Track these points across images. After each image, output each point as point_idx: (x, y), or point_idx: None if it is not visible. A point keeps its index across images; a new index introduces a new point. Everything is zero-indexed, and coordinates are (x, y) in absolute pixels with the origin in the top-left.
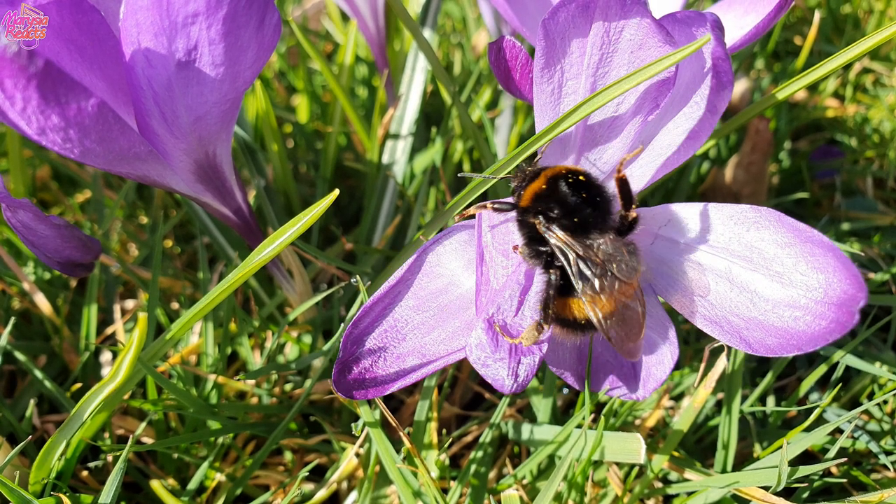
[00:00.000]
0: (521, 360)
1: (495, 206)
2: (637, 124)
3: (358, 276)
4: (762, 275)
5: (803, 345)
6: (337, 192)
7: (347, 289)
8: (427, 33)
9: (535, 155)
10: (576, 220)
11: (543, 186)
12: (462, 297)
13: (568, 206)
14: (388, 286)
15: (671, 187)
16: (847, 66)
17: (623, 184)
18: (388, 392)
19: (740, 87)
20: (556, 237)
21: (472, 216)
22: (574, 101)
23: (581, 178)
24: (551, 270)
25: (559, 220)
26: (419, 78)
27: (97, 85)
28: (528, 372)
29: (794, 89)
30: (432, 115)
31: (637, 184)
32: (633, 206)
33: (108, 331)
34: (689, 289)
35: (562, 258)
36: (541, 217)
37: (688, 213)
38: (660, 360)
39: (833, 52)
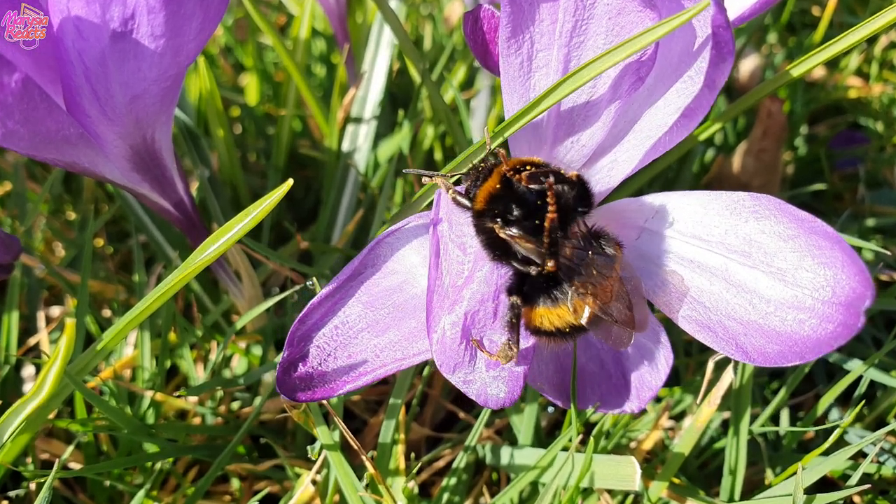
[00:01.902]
0: (503, 373)
1: (456, 197)
2: (618, 103)
3: (315, 279)
4: (763, 272)
5: (806, 352)
6: (291, 182)
7: (302, 293)
8: (393, 3)
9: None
10: (538, 221)
11: (498, 186)
12: (419, 296)
13: (528, 206)
14: (339, 281)
15: (671, 177)
16: (871, 40)
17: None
18: (336, 394)
19: (750, 63)
20: (519, 241)
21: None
22: (546, 74)
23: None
24: (513, 295)
25: (521, 223)
26: (384, 54)
27: (21, 60)
28: (515, 384)
29: (811, 66)
30: (399, 96)
31: (624, 169)
32: (563, 171)
33: (31, 341)
34: (678, 289)
35: (525, 264)
36: (499, 220)
37: (678, 203)
38: (653, 367)
39: (855, 23)
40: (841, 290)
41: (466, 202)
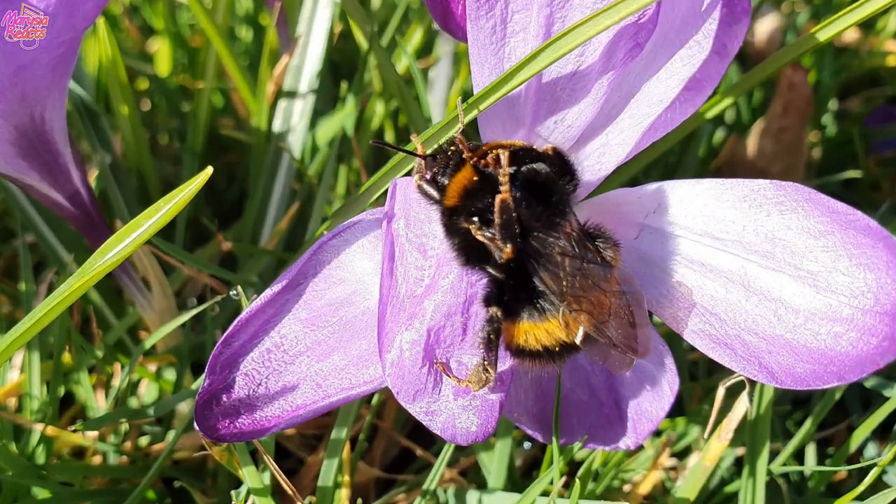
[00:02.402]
0: (475, 402)
1: (422, 185)
2: (611, 75)
3: (239, 288)
4: (789, 276)
5: (845, 372)
6: (210, 170)
7: (225, 305)
8: None
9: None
10: (522, 217)
11: (474, 178)
12: (371, 310)
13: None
14: (273, 293)
15: (673, 163)
16: None
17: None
18: (268, 433)
19: (768, 24)
20: (503, 246)
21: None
22: (524, 40)
23: (521, 154)
24: (492, 305)
25: None
26: (324, 14)
27: None
28: (489, 415)
29: (841, 28)
30: (342, 66)
31: (617, 153)
32: (536, 147)
33: None
34: (687, 298)
35: (503, 271)
36: (476, 220)
37: (685, 193)
38: (654, 394)
39: None
40: (886, 296)
41: (434, 193)
